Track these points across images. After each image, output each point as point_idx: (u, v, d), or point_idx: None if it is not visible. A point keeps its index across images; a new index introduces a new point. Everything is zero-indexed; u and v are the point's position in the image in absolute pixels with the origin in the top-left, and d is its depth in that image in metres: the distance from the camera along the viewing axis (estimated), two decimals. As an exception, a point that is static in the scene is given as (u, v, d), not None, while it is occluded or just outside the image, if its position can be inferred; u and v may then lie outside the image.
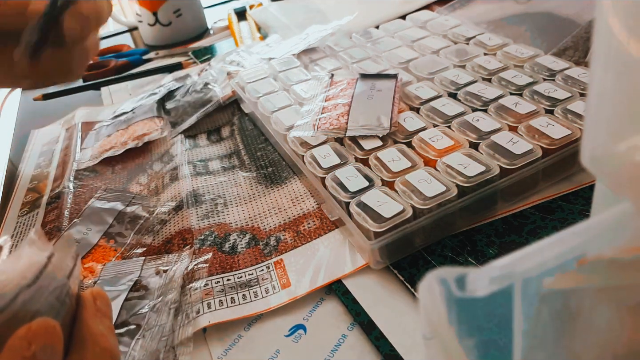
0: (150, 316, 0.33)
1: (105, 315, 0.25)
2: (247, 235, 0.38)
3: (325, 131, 0.41)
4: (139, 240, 0.40)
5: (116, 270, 0.37)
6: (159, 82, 0.64)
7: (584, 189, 0.35)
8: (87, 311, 0.24)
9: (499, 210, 0.35)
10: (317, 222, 0.38)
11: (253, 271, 0.35)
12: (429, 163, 0.36)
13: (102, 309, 0.25)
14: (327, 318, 0.31)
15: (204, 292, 0.33)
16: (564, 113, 0.38)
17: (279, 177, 0.43)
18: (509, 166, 0.34)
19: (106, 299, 0.26)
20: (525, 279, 0.16)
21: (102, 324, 0.25)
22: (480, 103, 0.41)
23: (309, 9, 0.75)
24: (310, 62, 0.54)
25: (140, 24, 0.78)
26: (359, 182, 0.35)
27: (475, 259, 0.32)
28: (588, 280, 0.16)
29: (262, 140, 0.49)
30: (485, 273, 0.16)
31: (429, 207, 0.32)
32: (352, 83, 0.46)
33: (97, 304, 0.25)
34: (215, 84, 0.58)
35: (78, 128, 0.58)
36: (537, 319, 0.16)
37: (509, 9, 0.57)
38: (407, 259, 0.33)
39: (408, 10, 0.64)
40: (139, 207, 0.43)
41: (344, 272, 0.33)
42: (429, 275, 0.16)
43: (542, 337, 0.16)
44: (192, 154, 0.48)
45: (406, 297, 0.31)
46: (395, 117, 0.40)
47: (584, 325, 0.16)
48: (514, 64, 0.45)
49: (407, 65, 0.49)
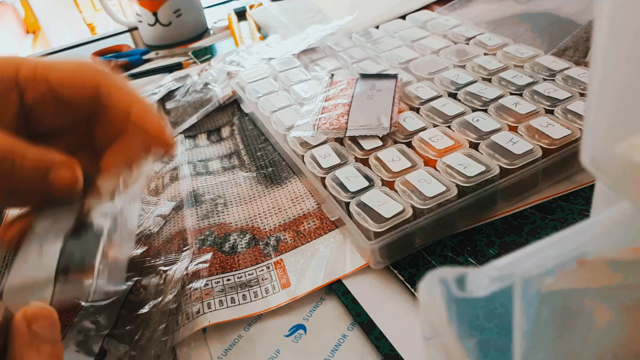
0: (150, 316, 0.33)
1: (45, 341, 0.22)
2: (247, 235, 0.38)
3: (325, 131, 0.41)
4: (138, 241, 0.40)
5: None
6: (159, 82, 0.64)
7: (584, 189, 0.35)
8: (18, 341, 0.21)
9: (499, 210, 0.35)
10: (317, 222, 0.38)
11: (253, 271, 0.35)
12: (429, 163, 0.36)
13: (39, 334, 0.22)
14: (327, 318, 0.31)
15: (204, 292, 0.33)
16: (564, 113, 0.38)
17: (279, 177, 0.43)
18: (509, 166, 0.34)
19: (47, 319, 0.22)
20: (525, 279, 0.16)
21: (39, 352, 0.21)
22: (480, 103, 0.41)
23: (309, 9, 0.75)
24: (310, 62, 0.54)
25: (140, 24, 0.78)
26: (359, 182, 0.35)
27: (475, 259, 0.32)
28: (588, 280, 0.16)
29: (262, 140, 0.49)
30: (485, 273, 0.16)
31: (429, 207, 0.32)
32: (352, 83, 0.46)
33: (33, 329, 0.21)
34: (215, 84, 0.58)
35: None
36: (537, 319, 0.16)
37: (509, 9, 0.57)
38: (407, 259, 0.33)
39: (408, 10, 0.64)
40: None
41: (344, 272, 0.33)
42: (429, 275, 0.16)
43: (542, 337, 0.16)
44: (192, 154, 0.48)
45: (406, 297, 0.31)
46: (395, 117, 0.40)
47: (584, 325, 0.16)
48: (514, 64, 0.45)
49: (407, 65, 0.49)
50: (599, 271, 0.16)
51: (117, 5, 0.96)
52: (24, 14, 2.49)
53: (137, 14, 0.77)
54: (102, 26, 2.40)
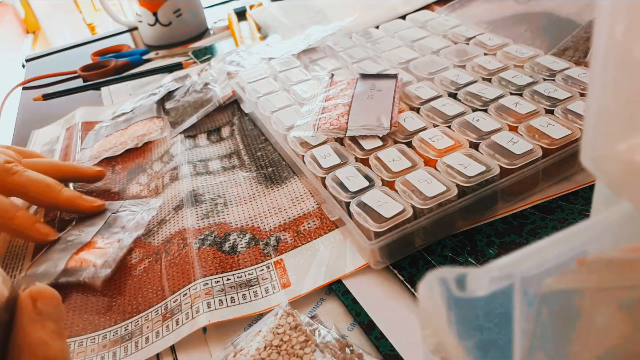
0: None
1: (50, 318, 0.23)
2: (247, 235, 0.38)
3: (326, 131, 0.41)
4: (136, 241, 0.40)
5: None
6: (159, 82, 0.64)
7: (584, 189, 0.35)
8: (24, 317, 0.22)
9: (499, 210, 0.35)
10: (317, 222, 0.38)
11: (253, 271, 0.35)
12: (429, 163, 0.36)
13: (43, 311, 0.22)
14: (327, 318, 0.31)
15: (204, 292, 0.33)
16: (564, 113, 0.38)
17: (279, 177, 0.43)
18: (509, 166, 0.34)
19: (50, 298, 0.23)
20: (525, 279, 0.16)
21: (43, 329, 0.22)
22: (480, 103, 0.41)
23: (309, 9, 0.75)
24: (310, 62, 0.54)
25: (140, 24, 0.78)
26: (359, 182, 0.35)
27: (475, 259, 0.32)
28: (588, 280, 0.16)
29: (262, 140, 0.49)
30: (485, 273, 0.16)
31: (429, 207, 0.32)
32: (352, 83, 0.46)
33: (38, 306, 0.22)
34: (215, 84, 0.58)
35: (78, 128, 0.58)
36: (537, 319, 0.16)
37: (509, 9, 0.57)
38: (407, 259, 0.33)
39: (408, 11, 0.64)
40: (127, 211, 0.43)
41: (344, 272, 0.33)
42: (429, 275, 0.16)
43: (542, 337, 0.16)
44: (192, 154, 0.48)
45: (406, 297, 0.31)
46: (395, 117, 0.40)
47: (584, 325, 0.16)
48: (514, 64, 0.45)
49: (407, 65, 0.49)
50: (599, 271, 0.16)
51: (117, 5, 0.95)
52: (24, 14, 2.50)
53: (137, 14, 0.77)
54: (102, 26, 2.40)
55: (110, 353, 0.32)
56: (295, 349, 0.28)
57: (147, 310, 0.34)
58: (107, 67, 0.71)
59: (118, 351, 0.32)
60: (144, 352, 0.31)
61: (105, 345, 0.32)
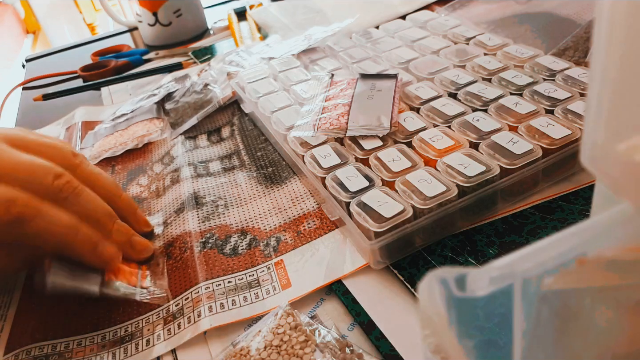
0: None
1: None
2: (247, 236, 0.38)
3: (326, 131, 0.41)
4: None
5: None
6: (159, 82, 0.64)
7: (584, 189, 0.35)
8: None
9: (499, 210, 0.35)
10: (317, 222, 0.38)
11: (254, 272, 0.35)
12: (429, 163, 0.36)
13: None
14: (327, 318, 0.31)
15: (206, 295, 0.33)
16: (564, 113, 0.38)
17: (279, 177, 0.43)
18: (509, 166, 0.34)
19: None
20: (525, 279, 0.16)
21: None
22: (480, 103, 0.41)
23: (309, 9, 0.75)
24: (310, 62, 0.54)
25: (140, 24, 0.78)
26: (359, 182, 0.35)
27: (475, 259, 0.32)
28: (588, 280, 0.16)
29: (262, 140, 0.49)
30: (485, 273, 0.16)
31: (429, 207, 0.32)
32: (352, 83, 0.46)
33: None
34: (215, 84, 0.58)
35: (78, 127, 0.58)
36: (537, 319, 0.16)
37: (509, 9, 0.57)
38: (407, 259, 0.33)
39: (408, 11, 0.64)
40: None
41: (344, 272, 0.33)
42: (429, 275, 0.16)
43: (542, 337, 0.16)
44: (192, 156, 0.48)
45: (406, 297, 0.31)
46: (395, 117, 0.40)
47: (584, 325, 0.16)
48: (514, 64, 0.45)
49: (407, 65, 0.49)
50: (599, 271, 0.16)
51: (117, 5, 0.96)
52: (24, 14, 2.50)
53: (137, 14, 0.77)
54: (102, 26, 2.40)
55: (110, 354, 0.32)
56: (295, 349, 0.28)
57: (148, 313, 0.34)
58: (107, 67, 0.71)
59: (118, 352, 0.32)
60: (144, 354, 0.31)
61: (104, 346, 0.32)
